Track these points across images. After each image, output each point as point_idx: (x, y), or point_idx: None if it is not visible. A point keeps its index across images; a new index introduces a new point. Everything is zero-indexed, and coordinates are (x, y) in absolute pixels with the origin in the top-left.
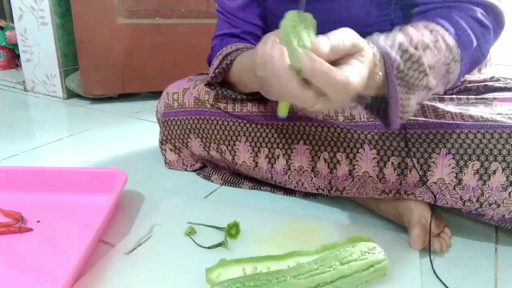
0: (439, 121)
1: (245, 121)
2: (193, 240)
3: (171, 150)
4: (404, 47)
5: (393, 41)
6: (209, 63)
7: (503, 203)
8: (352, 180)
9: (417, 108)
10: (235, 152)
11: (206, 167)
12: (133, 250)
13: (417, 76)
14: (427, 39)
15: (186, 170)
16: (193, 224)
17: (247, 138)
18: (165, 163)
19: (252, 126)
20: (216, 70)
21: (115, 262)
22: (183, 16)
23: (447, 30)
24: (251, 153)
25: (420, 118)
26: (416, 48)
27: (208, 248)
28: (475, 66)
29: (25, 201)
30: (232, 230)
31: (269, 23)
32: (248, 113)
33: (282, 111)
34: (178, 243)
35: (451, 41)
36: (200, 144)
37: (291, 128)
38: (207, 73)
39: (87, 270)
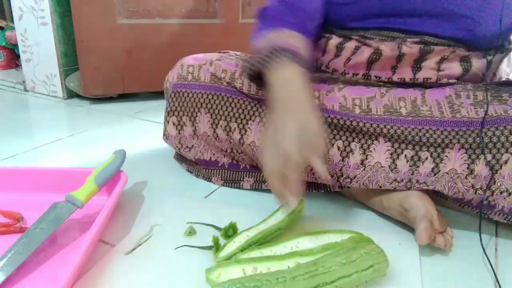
0: (454, 119)
1: (261, 103)
2: (187, 242)
3: (173, 124)
4: None
5: None
6: (259, 17)
7: None
8: (364, 169)
9: None
10: (245, 131)
11: (197, 165)
12: (133, 250)
13: None
14: None
15: (179, 150)
16: (192, 224)
17: (262, 119)
18: (163, 134)
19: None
20: (253, 65)
21: (115, 262)
22: (183, 16)
23: None
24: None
25: (436, 115)
26: None
27: (201, 248)
28: None
29: (25, 201)
30: (229, 232)
31: (328, 12)
32: (263, 97)
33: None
34: (178, 243)
35: None
36: (209, 121)
37: None
38: (224, 52)
39: (87, 270)
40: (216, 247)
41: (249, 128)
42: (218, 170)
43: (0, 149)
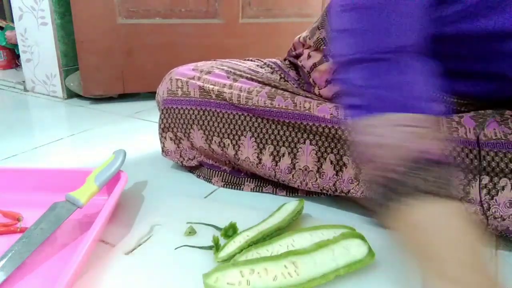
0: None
1: (250, 115)
2: (187, 242)
3: (171, 139)
4: None
5: None
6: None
7: (509, 218)
8: (358, 183)
9: None
10: (239, 147)
11: (202, 166)
12: (133, 250)
13: None
14: None
15: (181, 163)
16: (193, 224)
17: (253, 133)
18: (162, 151)
19: (258, 121)
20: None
21: (115, 262)
22: (183, 16)
23: None
24: (255, 149)
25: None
26: None
27: (201, 248)
28: None
29: (25, 201)
30: (229, 232)
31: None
32: (254, 106)
33: None
34: (178, 243)
35: None
36: (203, 137)
37: (297, 126)
38: (211, 59)
39: (87, 270)
40: (216, 247)
41: (241, 144)
42: (220, 172)
43: (0, 149)
